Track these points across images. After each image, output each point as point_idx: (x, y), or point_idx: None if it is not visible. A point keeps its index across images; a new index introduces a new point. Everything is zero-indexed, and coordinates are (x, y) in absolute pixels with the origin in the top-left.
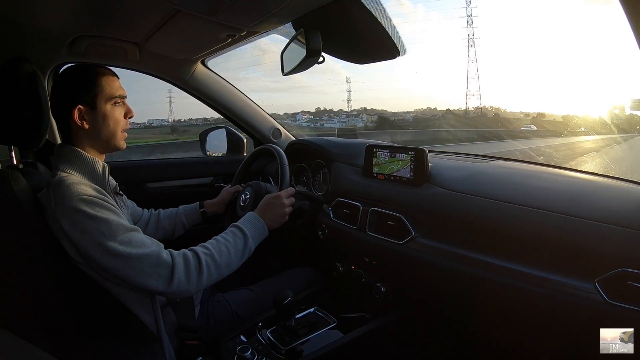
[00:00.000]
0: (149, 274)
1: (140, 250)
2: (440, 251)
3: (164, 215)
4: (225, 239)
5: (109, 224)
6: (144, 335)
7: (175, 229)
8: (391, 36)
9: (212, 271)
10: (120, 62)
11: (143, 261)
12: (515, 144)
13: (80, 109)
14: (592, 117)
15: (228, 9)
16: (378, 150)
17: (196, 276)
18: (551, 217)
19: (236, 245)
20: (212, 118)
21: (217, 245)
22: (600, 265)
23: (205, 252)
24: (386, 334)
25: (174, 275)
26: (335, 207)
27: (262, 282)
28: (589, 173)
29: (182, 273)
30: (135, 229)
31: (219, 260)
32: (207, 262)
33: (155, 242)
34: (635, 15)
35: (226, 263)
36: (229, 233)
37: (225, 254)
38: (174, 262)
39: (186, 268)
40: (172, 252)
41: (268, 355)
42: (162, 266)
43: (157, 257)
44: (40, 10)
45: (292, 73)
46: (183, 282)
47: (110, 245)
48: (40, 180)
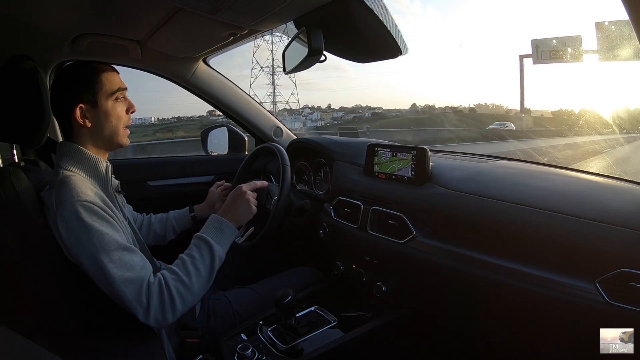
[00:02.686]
0: (130, 300)
1: (126, 274)
2: (441, 251)
3: (154, 220)
4: (190, 255)
5: (102, 236)
6: (144, 334)
7: (166, 232)
8: (393, 35)
9: (185, 295)
10: (122, 60)
11: (126, 286)
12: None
13: (82, 107)
14: (589, 114)
15: (230, 7)
16: (379, 150)
17: (170, 307)
18: (552, 217)
19: (203, 259)
20: (196, 116)
21: (183, 265)
22: (601, 265)
23: (173, 277)
24: (386, 333)
25: (150, 309)
26: (336, 206)
27: (263, 281)
28: (591, 173)
29: (157, 306)
30: (129, 247)
31: (188, 282)
32: (177, 288)
33: (145, 266)
34: (636, 12)
35: (196, 281)
36: (192, 247)
37: (194, 273)
38: (150, 295)
39: (160, 302)
40: (150, 282)
41: (268, 353)
42: (142, 296)
43: (140, 285)
44: (42, 8)
45: (294, 71)
46: (159, 314)
47: (99, 260)
48: (42, 178)
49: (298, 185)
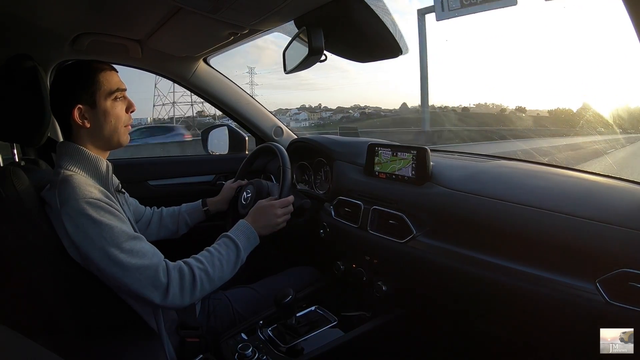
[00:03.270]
0: (146, 285)
1: (139, 261)
2: (442, 250)
3: (166, 214)
4: (219, 251)
5: (112, 230)
6: (144, 333)
7: (178, 227)
8: (393, 35)
9: (205, 285)
10: (123, 59)
11: (141, 272)
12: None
13: (80, 108)
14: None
15: (230, 7)
16: (380, 149)
17: (190, 290)
18: (553, 217)
19: (229, 258)
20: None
21: (210, 258)
22: (602, 265)
23: (200, 266)
24: (386, 332)
25: (169, 289)
26: (337, 205)
27: (263, 281)
28: (592, 173)
29: (177, 287)
30: (138, 236)
31: (212, 274)
32: (201, 276)
33: (157, 252)
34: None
35: (219, 276)
36: (222, 245)
37: (218, 268)
38: (170, 276)
39: (181, 283)
40: (169, 266)
41: (268, 353)
42: (158, 279)
43: (155, 270)
44: (42, 8)
45: (294, 71)
46: (177, 296)
47: (111, 252)
48: (42, 178)
49: (298, 184)
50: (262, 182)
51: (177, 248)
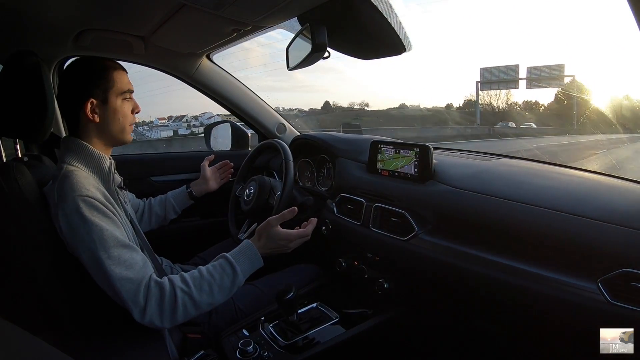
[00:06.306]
0: (124, 299)
1: (123, 272)
2: (444, 248)
3: (154, 202)
4: (212, 275)
5: (102, 232)
6: (146, 329)
7: (166, 212)
8: (397, 32)
9: (190, 309)
10: (126, 55)
11: (122, 285)
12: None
13: (93, 102)
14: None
15: (233, 3)
16: (382, 146)
17: (169, 313)
18: (555, 216)
19: (222, 284)
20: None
21: (200, 282)
22: (604, 265)
23: (184, 288)
24: (388, 330)
25: (146, 309)
26: (339, 202)
27: (265, 277)
28: (595, 172)
29: (155, 309)
30: (130, 245)
31: (198, 299)
32: (184, 300)
33: (146, 266)
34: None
35: (207, 302)
36: (217, 268)
37: (206, 293)
38: (149, 295)
39: (160, 304)
40: (151, 284)
41: (270, 349)
42: (137, 297)
43: (137, 285)
44: (46, 3)
45: (297, 68)
46: (156, 316)
47: (98, 255)
48: (45, 174)
49: (301, 181)
50: (265, 178)
51: (171, 250)
